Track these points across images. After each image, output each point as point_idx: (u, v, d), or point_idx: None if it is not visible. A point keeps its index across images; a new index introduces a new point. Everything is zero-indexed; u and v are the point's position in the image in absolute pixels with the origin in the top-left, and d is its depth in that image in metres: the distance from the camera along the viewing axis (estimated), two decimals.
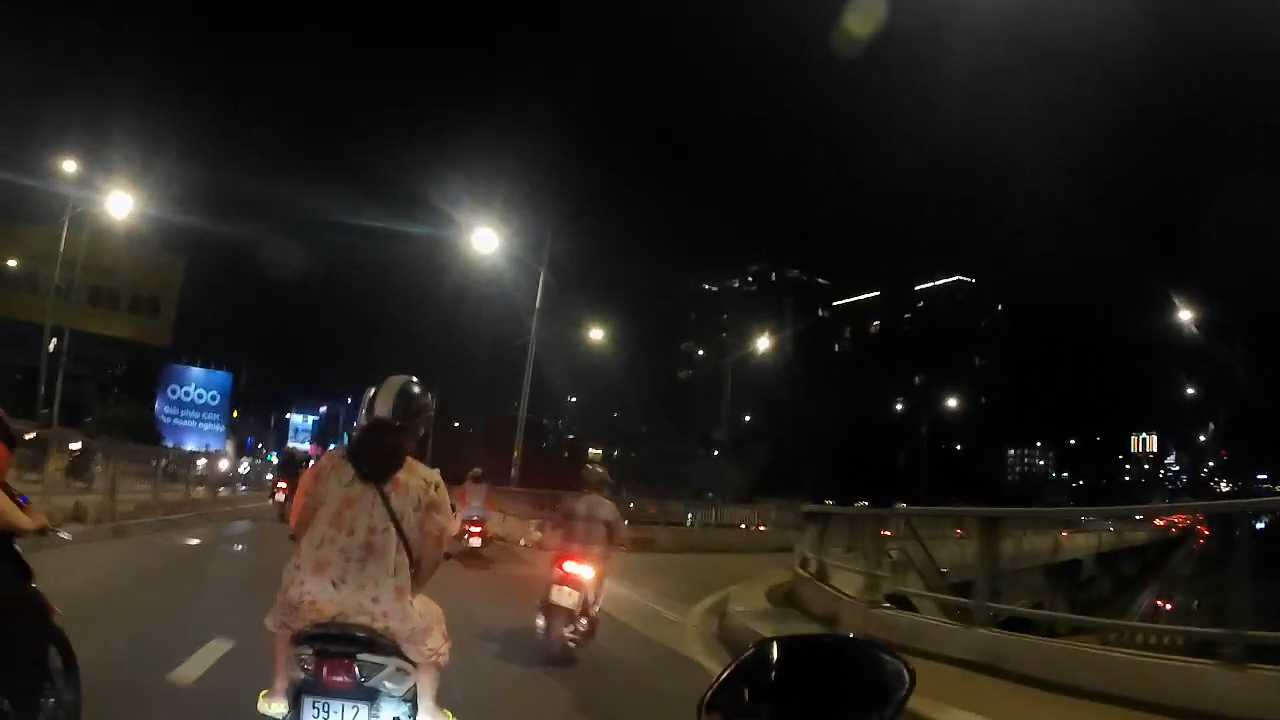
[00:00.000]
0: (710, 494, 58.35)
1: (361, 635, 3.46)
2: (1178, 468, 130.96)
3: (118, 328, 43.12)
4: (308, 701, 3.44)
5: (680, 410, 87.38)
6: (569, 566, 8.28)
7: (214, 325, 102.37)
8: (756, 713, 1.59)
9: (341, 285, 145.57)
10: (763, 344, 71.36)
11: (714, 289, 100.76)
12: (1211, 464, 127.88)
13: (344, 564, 3.49)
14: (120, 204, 30.98)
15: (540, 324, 32.10)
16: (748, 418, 74.84)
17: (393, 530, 3.54)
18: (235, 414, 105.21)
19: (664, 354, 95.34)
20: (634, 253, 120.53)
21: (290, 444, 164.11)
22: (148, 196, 32.68)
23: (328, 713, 3.43)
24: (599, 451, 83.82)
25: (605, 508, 8.82)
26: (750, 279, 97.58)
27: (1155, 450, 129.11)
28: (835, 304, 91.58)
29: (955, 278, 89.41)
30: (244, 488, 38.17)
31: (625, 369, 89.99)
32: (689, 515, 37.66)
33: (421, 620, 3.61)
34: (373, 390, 3.81)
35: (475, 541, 15.92)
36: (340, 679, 3.42)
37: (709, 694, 1.60)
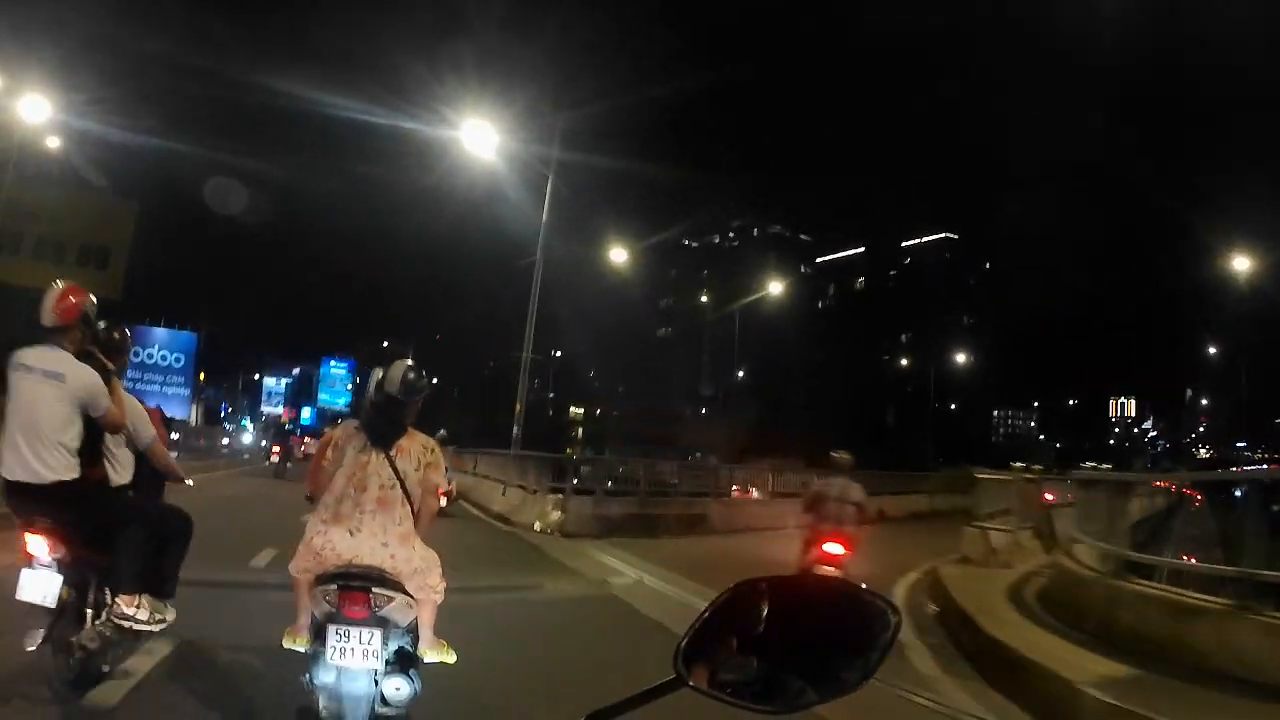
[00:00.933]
0: (697, 454, 56.73)
1: (374, 573, 4.36)
2: (1155, 433, 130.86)
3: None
4: (331, 629, 4.27)
5: (659, 369, 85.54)
6: (829, 547, 9.22)
7: (177, 282, 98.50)
8: (740, 659, 1.54)
9: (314, 233, 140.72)
10: (744, 300, 69.60)
11: (694, 245, 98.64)
12: (1194, 432, 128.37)
13: (358, 516, 4.43)
14: (37, 109, 27.87)
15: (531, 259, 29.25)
16: (736, 376, 72.81)
17: (398, 487, 4.51)
18: (201, 376, 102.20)
19: (641, 312, 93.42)
20: (612, 207, 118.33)
21: (264, 408, 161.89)
22: (88, 122, 30.51)
23: (348, 638, 4.25)
24: (580, 410, 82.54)
25: (855, 490, 9.76)
26: (732, 235, 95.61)
27: (1134, 415, 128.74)
28: (819, 260, 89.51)
29: (942, 234, 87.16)
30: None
31: (601, 327, 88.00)
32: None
33: (422, 562, 4.53)
34: (380, 372, 4.72)
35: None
36: (358, 610, 4.28)
37: (686, 639, 1.55)
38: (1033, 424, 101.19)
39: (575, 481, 20.27)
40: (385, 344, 69.24)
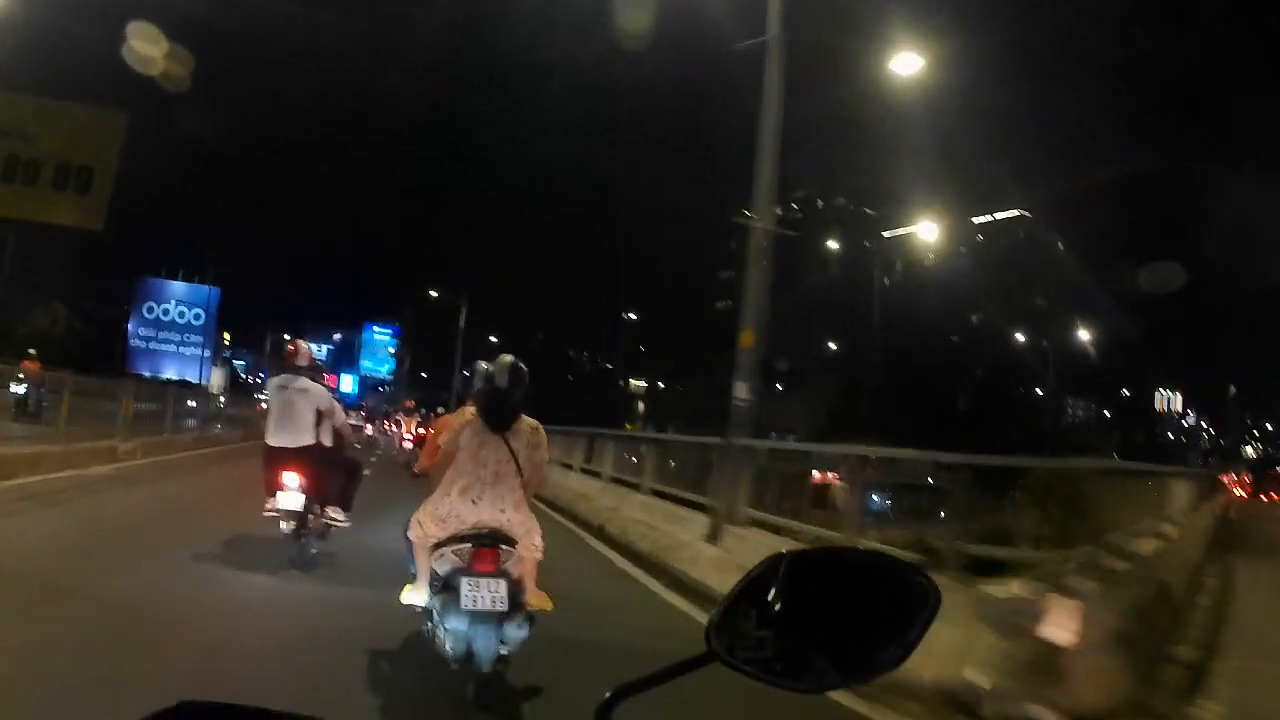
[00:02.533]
0: (772, 434, 54.62)
1: (500, 534, 5.47)
2: (1208, 428, 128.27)
3: (38, 209, 31.21)
4: (464, 580, 5.19)
5: (721, 344, 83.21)
6: None
7: (198, 228, 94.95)
8: (773, 635, 1.50)
9: (357, 168, 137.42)
10: (807, 275, 66.98)
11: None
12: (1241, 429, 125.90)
13: (480, 487, 5.54)
14: None
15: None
16: (811, 350, 70.14)
17: (513, 463, 5.62)
18: (226, 337, 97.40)
19: (699, 284, 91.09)
20: (670, 179, 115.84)
21: None
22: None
23: (479, 588, 5.15)
24: (642, 384, 79.80)
25: None
26: (794, 206, 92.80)
27: (1180, 410, 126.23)
28: (885, 235, 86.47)
29: (1016, 212, 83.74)
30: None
31: (661, 299, 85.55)
32: None
33: (532, 523, 5.72)
34: (488, 366, 5.99)
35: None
36: (487, 564, 5.27)
37: (718, 616, 1.55)
38: (1081, 413, 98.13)
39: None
40: (434, 294, 66.28)
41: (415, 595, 5.76)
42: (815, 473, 43.35)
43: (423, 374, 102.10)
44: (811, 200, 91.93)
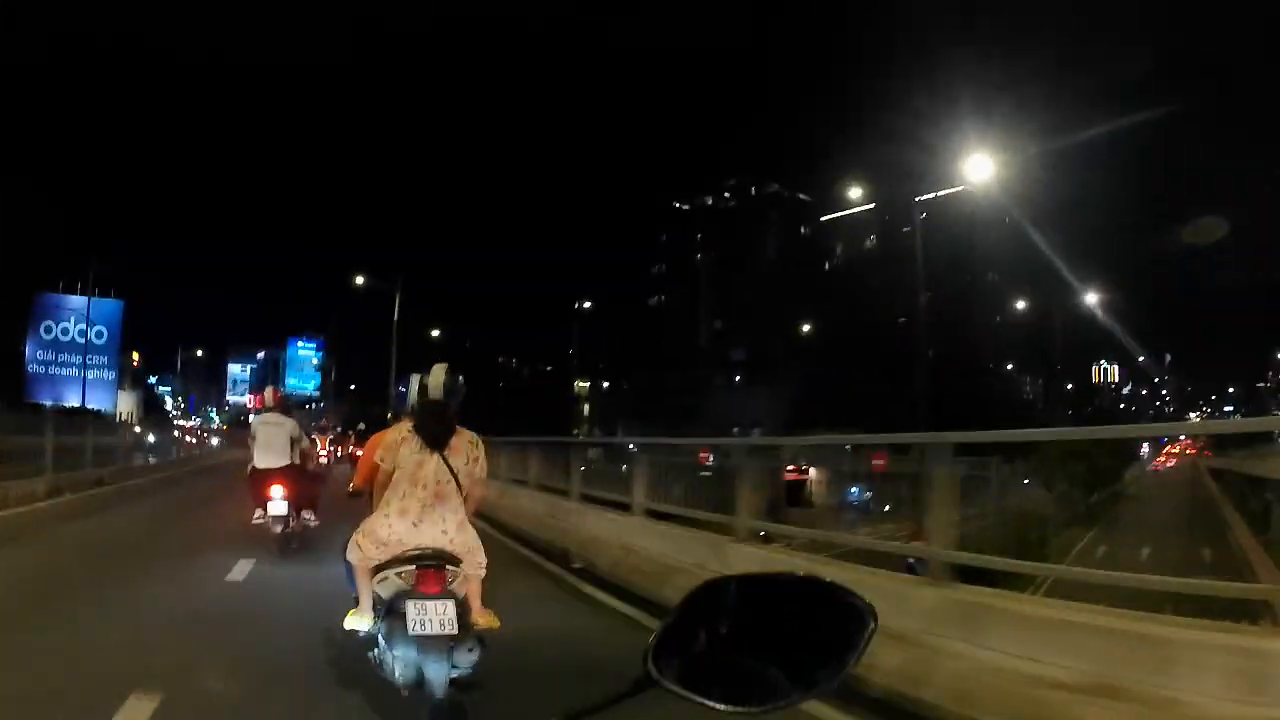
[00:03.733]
0: (734, 429, 51.15)
1: (443, 554, 5.14)
2: (1165, 394, 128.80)
3: None
4: (410, 604, 4.92)
5: (659, 339, 79.84)
6: None
7: (99, 236, 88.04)
8: (711, 658, 1.53)
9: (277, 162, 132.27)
10: (745, 261, 63.93)
11: (685, 207, 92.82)
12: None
13: (420, 509, 5.21)
14: None
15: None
16: (767, 341, 66.78)
17: (453, 481, 5.30)
18: (136, 358, 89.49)
19: (631, 279, 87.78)
20: (595, 170, 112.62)
21: (229, 397, 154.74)
22: None
23: (425, 611, 4.89)
24: (585, 384, 76.00)
25: None
26: (727, 195, 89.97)
27: (1116, 380, 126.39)
28: (825, 219, 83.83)
29: (959, 187, 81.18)
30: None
31: (582, 297, 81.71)
32: None
33: (474, 542, 5.37)
34: (420, 378, 5.56)
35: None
36: (433, 585, 5.00)
37: (656, 638, 1.54)
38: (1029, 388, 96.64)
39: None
40: (361, 281, 61.97)
41: (359, 621, 5.39)
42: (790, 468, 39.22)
43: (351, 386, 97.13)
44: (744, 186, 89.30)
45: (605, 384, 72.92)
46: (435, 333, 56.11)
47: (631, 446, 19.55)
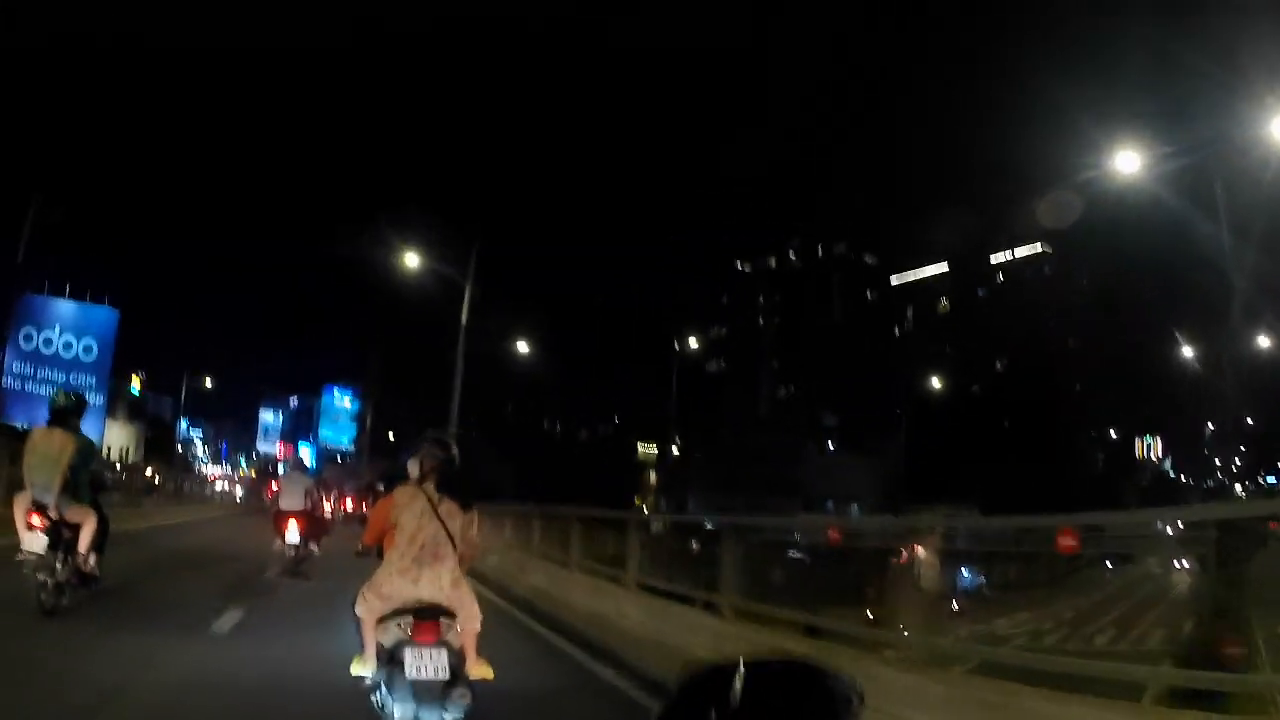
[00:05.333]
0: (828, 503, 47.74)
1: (439, 608, 5.70)
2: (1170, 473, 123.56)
3: None
4: (408, 651, 5.49)
5: (718, 403, 76.33)
6: None
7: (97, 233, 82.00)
8: None
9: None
10: (807, 327, 60.58)
11: (747, 269, 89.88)
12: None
13: (419, 567, 5.76)
14: None
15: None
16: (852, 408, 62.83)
17: (449, 543, 5.88)
18: (137, 383, 78.50)
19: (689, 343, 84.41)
20: (645, 235, 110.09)
21: (260, 446, 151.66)
22: None
23: (422, 657, 5.45)
24: (652, 449, 71.04)
25: None
26: (793, 255, 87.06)
27: (1160, 455, 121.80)
28: (895, 283, 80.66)
29: (1036, 248, 77.84)
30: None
31: (636, 360, 78.21)
32: None
33: (470, 597, 5.93)
34: (443, 451, 6.18)
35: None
36: (428, 635, 5.58)
37: (659, 718, 1.66)
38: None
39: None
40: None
41: (363, 668, 5.85)
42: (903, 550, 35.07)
43: (390, 435, 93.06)
44: (810, 247, 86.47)
45: (675, 449, 68.13)
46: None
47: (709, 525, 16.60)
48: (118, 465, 48.61)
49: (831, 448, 64.02)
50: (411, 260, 30.00)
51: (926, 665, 7.14)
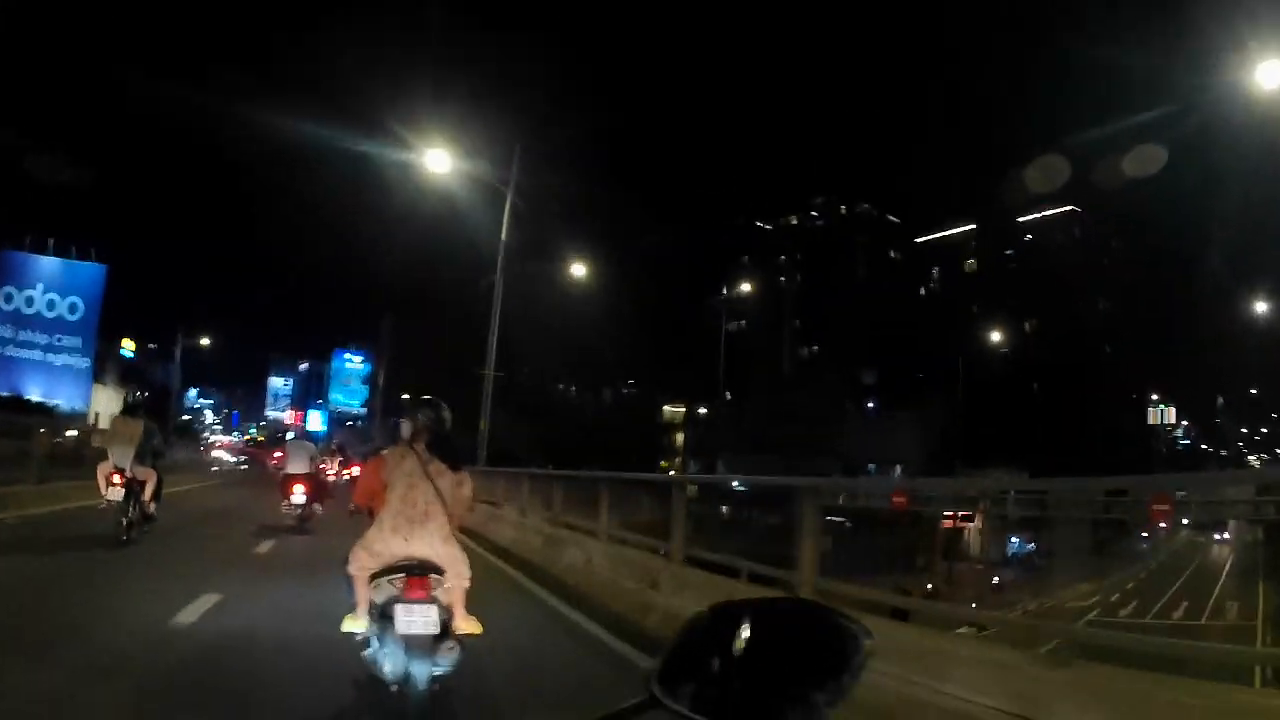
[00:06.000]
0: (870, 466, 46.63)
1: (429, 565, 5.79)
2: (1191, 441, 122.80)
3: None
4: (399, 607, 5.55)
5: (740, 363, 75.02)
6: None
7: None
8: (719, 681, 1.57)
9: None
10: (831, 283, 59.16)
11: (769, 228, 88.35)
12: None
13: (410, 526, 5.89)
14: None
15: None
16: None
17: (439, 502, 6.00)
18: (130, 346, 72.03)
19: (704, 302, 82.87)
20: (670, 190, 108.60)
21: (269, 412, 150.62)
22: None
23: (413, 613, 5.52)
24: (679, 410, 69.16)
25: None
26: (815, 214, 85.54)
27: (1173, 423, 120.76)
28: (919, 240, 79.19)
29: (1067, 208, 76.05)
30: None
31: (653, 319, 76.75)
32: None
33: (460, 555, 6.05)
34: (434, 412, 6.26)
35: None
36: (419, 591, 5.64)
37: (661, 662, 1.62)
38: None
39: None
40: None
41: (355, 624, 6.01)
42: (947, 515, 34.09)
43: (404, 396, 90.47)
44: (831, 205, 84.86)
45: (702, 410, 66.01)
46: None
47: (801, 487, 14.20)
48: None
49: (871, 408, 62.13)
50: (439, 163, 27.05)
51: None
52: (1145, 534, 46.88)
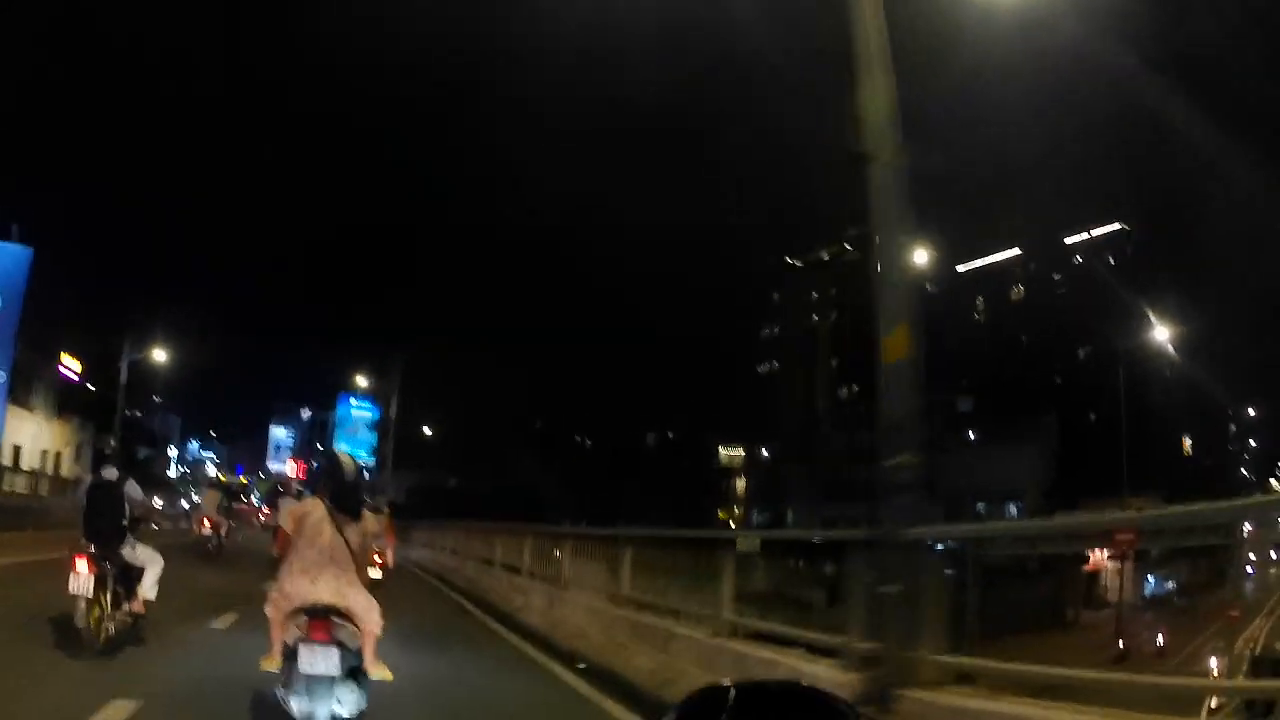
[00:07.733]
0: (981, 504, 43.75)
1: (332, 609, 6.00)
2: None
3: None
4: (302, 648, 5.78)
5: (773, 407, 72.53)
6: None
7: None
8: None
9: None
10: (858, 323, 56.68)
11: (799, 264, 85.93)
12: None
13: (317, 570, 6.15)
14: None
15: None
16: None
17: (345, 549, 6.30)
18: (76, 367, 53.88)
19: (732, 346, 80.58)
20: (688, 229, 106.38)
21: (271, 463, 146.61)
22: None
23: (314, 654, 5.75)
24: (736, 453, 65.17)
25: None
26: (849, 246, 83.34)
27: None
28: (960, 269, 76.79)
29: (1115, 226, 73.58)
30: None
31: (676, 366, 74.32)
32: None
33: (367, 603, 6.27)
34: (330, 464, 6.88)
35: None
36: (321, 633, 5.85)
37: None
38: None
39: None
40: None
41: (270, 664, 6.31)
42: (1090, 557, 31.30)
43: (424, 431, 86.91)
44: (864, 237, 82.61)
45: (765, 452, 62.53)
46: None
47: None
48: (32, 470, 38.01)
49: (971, 438, 58.72)
50: None
51: None
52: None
